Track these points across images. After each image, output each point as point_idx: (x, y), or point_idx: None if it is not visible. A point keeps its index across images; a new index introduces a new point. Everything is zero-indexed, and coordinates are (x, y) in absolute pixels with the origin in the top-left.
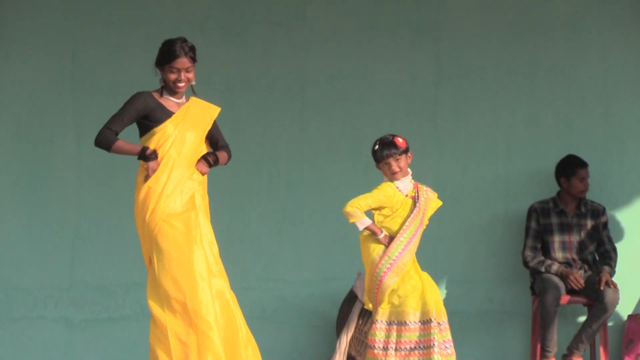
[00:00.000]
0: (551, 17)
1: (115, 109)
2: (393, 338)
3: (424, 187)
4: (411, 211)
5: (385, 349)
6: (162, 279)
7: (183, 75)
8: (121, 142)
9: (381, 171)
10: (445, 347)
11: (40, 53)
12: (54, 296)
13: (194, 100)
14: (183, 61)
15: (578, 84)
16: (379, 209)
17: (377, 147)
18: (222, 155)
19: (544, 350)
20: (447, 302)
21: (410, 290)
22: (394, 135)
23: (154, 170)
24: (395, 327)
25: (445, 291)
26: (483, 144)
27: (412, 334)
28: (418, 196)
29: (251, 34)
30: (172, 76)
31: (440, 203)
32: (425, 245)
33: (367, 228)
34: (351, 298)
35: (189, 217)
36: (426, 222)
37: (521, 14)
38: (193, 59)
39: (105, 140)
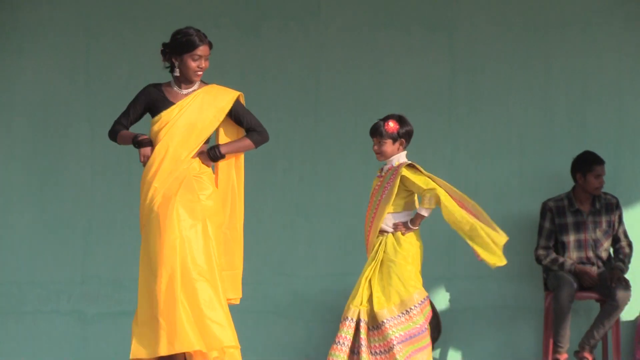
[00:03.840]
0: (566, 12)
1: (128, 102)
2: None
3: (397, 165)
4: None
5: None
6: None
7: (204, 63)
8: (123, 132)
9: None
10: (376, 352)
11: (54, 47)
12: (66, 290)
13: (210, 87)
14: (205, 48)
15: (592, 80)
16: None
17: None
18: (238, 143)
19: (556, 345)
20: (460, 298)
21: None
22: (388, 119)
23: (145, 156)
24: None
25: (458, 287)
26: (497, 139)
27: (347, 332)
28: (383, 176)
29: (266, 29)
30: (194, 64)
31: (407, 173)
32: (439, 240)
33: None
34: None
35: (167, 207)
36: (391, 196)
37: (536, 10)
38: (211, 46)
39: (111, 133)
